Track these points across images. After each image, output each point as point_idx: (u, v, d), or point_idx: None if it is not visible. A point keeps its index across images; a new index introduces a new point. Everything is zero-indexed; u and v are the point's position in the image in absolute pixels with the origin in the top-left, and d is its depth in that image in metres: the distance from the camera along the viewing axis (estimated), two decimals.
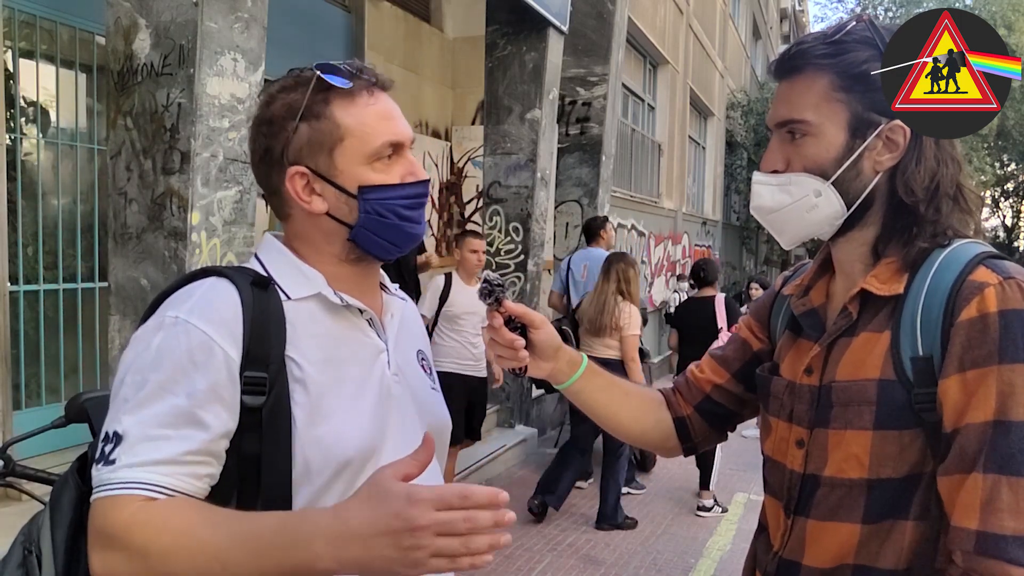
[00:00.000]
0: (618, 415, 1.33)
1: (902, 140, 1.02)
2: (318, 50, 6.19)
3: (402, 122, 1.06)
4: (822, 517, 1.05)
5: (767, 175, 1.09)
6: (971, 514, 0.90)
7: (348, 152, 1.02)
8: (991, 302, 0.92)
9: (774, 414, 1.16)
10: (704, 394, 1.31)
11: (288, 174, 1.02)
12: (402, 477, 0.82)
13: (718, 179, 16.43)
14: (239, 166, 3.25)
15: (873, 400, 1.00)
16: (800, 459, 1.09)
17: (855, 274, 1.09)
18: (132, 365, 0.95)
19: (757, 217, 1.13)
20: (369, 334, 1.09)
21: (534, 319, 1.23)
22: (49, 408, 4.17)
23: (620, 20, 7.94)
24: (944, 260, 1.00)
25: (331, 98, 1.01)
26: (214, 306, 0.97)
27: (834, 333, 1.08)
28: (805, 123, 1.04)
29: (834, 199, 1.04)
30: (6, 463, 1.76)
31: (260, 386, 0.96)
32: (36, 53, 4.11)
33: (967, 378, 0.92)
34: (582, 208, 7.81)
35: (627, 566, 4.30)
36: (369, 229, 1.04)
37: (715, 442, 1.37)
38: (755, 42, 21.77)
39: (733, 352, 1.31)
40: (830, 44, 1.03)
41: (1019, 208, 27.62)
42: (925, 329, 0.97)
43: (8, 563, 1.00)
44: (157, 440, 0.91)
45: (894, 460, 0.99)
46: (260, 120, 1.04)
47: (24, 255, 4.07)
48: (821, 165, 1.04)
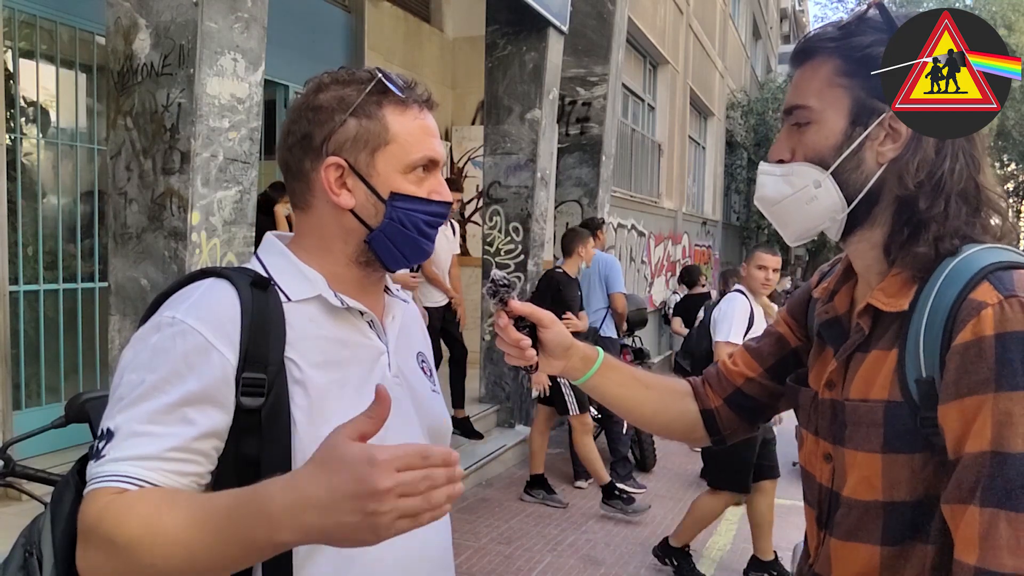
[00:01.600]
0: (640, 408, 1.31)
1: (904, 129, 0.97)
2: (318, 50, 6.19)
3: (440, 143, 1.09)
4: (843, 537, 1.02)
5: (772, 165, 1.05)
6: (970, 549, 0.86)
7: (389, 156, 1.03)
8: (987, 325, 0.86)
9: (803, 425, 1.13)
10: (735, 387, 1.27)
11: (325, 163, 1.02)
12: (358, 437, 0.78)
13: (718, 179, 16.43)
14: (239, 166, 3.25)
15: (880, 422, 0.96)
16: (828, 474, 1.06)
17: (872, 281, 1.04)
18: (129, 365, 0.95)
19: (761, 209, 1.09)
20: (369, 336, 1.09)
21: (542, 318, 1.23)
22: (49, 408, 4.17)
23: (620, 20, 7.94)
24: (950, 272, 0.93)
25: (384, 102, 1.03)
26: (211, 307, 0.97)
27: (850, 347, 1.04)
28: (808, 109, 1.01)
29: (833, 190, 0.99)
30: (6, 463, 1.76)
31: (259, 387, 0.95)
32: (36, 53, 4.11)
33: (964, 405, 0.87)
34: (582, 208, 7.81)
35: (627, 566, 4.29)
36: (388, 236, 1.04)
37: (745, 434, 1.32)
38: (755, 42, 21.77)
39: (769, 347, 1.27)
40: (841, 29, 1.00)
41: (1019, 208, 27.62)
42: (927, 350, 0.92)
43: (9, 565, 1.00)
44: (142, 436, 0.91)
45: (906, 484, 0.95)
46: (307, 106, 1.04)
47: (24, 255, 4.07)
48: (821, 154, 1.00)
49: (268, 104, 4.74)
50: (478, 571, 4.10)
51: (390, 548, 1.02)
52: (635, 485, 5.54)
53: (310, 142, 1.03)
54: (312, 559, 0.98)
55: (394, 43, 7.36)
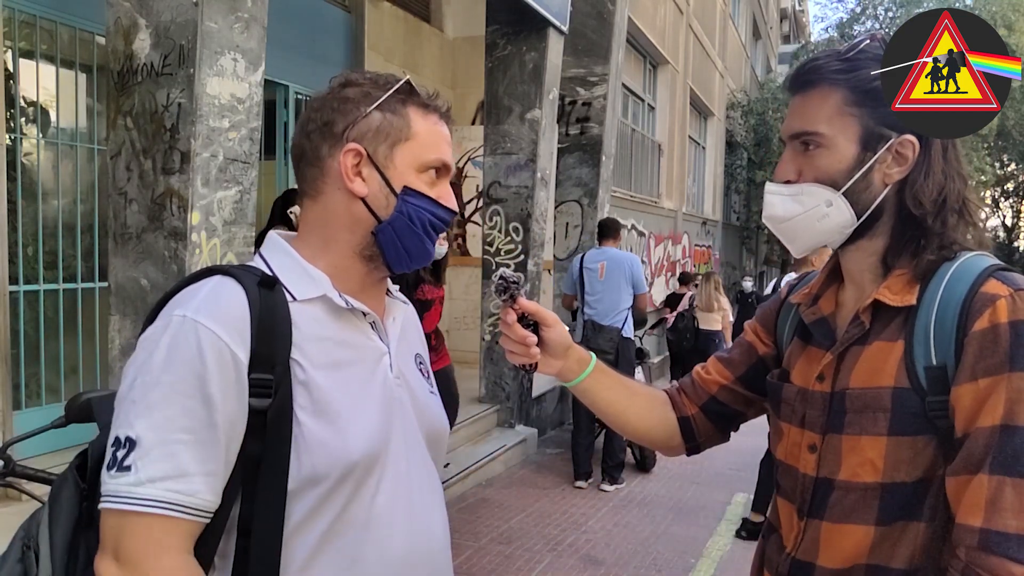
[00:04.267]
0: (624, 413, 1.35)
1: (911, 154, 1.06)
2: (318, 50, 6.19)
3: (452, 154, 1.12)
4: (836, 519, 1.08)
5: (780, 185, 1.12)
6: (976, 512, 0.93)
7: (408, 152, 1.05)
8: (1002, 313, 0.96)
9: (786, 419, 1.18)
10: (710, 395, 1.34)
11: (344, 148, 1.04)
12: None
13: (718, 179, 16.43)
14: (239, 166, 3.25)
15: (888, 407, 1.03)
16: (813, 463, 1.12)
17: (864, 284, 1.12)
18: (142, 366, 0.94)
19: (769, 226, 1.16)
20: (372, 337, 1.09)
21: (546, 317, 1.26)
22: (49, 408, 4.17)
23: (620, 20, 7.94)
24: (955, 273, 1.03)
25: (410, 103, 1.07)
26: (221, 305, 0.96)
27: (847, 341, 1.10)
28: (818, 135, 1.08)
29: (845, 209, 1.07)
30: (6, 463, 1.76)
31: (266, 388, 0.95)
32: (36, 53, 4.11)
33: (979, 386, 0.96)
34: (582, 208, 7.81)
35: (627, 566, 4.29)
36: (395, 229, 1.05)
37: (718, 442, 1.39)
38: (755, 42, 21.77)
39: (739, 355, 1.34)
40: (844, 61, 1.08)
41: (1019, 208, 27.60)
42: (939, 339, 1.01)
43: (7, 558, 1.01)
44: (172, 445, 0.90)
45: (907, 464, 1.02)
46: (333, 96, 1.06)
47: (24, 255, 4.07)
48: (832, 176, 1.08)
49: (268, 104, 4.74)
50: (478, 571, 4.10)
51: (389, 552, 1.03)
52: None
53: (331, 129, 1.04)
54: (309, 571, 0.98)
55: (394, 43, 7.37)
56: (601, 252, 5.87)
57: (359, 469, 1.00)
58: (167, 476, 0.90)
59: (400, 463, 1.06)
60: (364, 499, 1.01)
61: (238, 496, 0.96)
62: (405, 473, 1.07)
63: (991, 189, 24.09)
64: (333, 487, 0.98)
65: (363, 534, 1.01)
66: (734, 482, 5.94)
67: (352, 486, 0.99)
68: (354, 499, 1.00)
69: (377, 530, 1.02)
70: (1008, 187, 26.11)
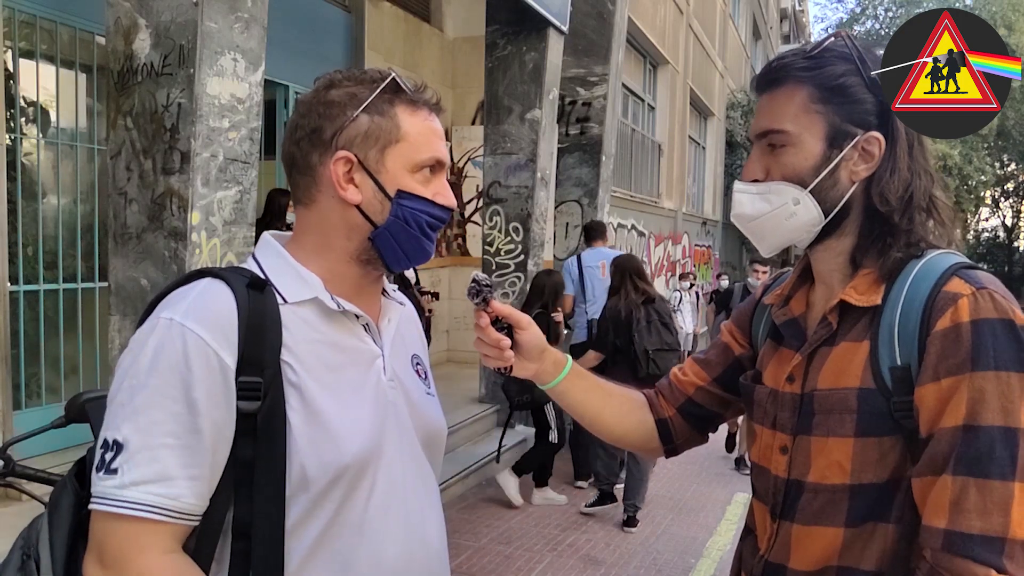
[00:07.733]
0: (601, 415, 1.34)
1: (877, 151, 1.06)
2: (318, 50, 6.19)
3: (446, 147, 1.10)
4: (806, 521, 1.07)
5: (747, 184, 1.12)
6: (940, 513, 0.93)
7: (399, 154, 1.03)
8: (964, 312, 0.95)
9: (758, 421, 1.18)
10: (687, 396, 1.33)
11: (334, 157, 1.02)
12: None
13: (718, 179, 16.44)
14: (239, 166, 3.25)
15: (854, 408, 1.02)
16: (784, 465, 1.11)
17: (834, 284, 1.12)
18: (129, 369, 0.94)
19: (738, 225, 1.16)
20: (365, 340, 1.08)
21: (520, 320, 1.24)
22: (49, 408, 4.17)
23: (620, 20, 7.93)
24: (919, 271, 1.03)
25: (396, 101, 1.04)
26: (209, 308, 0.96)
27: (815, 342, 1.10)
28: (784, 133, 1.07)
29: (812, 207, 1.07)
30: (6, 463, 1.76)
31: (255, 391, 0.95)
32: (36, 53, 4.11)
33: (942, 386, 0.95)
34: (582, 208, 7.81)
35: (627, 566, 4.29)
36: (392, 233, 1.04)
37: (697, 443, 1.39)
38: (755, 42, 21.77)
39: (715, 356, 1.33)
40: (809, 58, 1.07)
41: (1019, 208, 27.62)
42: (903, 339, 1.00)
43: (7, 567, 1.00)
44: (157, 449, 0.91)
45: (875, 466, 1.02)
46: (318, 101, 1.04)
47: (24, 255, 4.07)
48: (799, 174, 1.07)
49: (268, 104, 4.75)
50: (478, 571, 4.10)
51: (383, 557, 1.03)
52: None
53: (320, 136, 1.03)
54: (306, 570, 0.98)
55: (394, 43, 7.37)
56: (597, 252, 5.92)
57: (351, 472, 0.99)
58: (151, 480, 0.90)
59: (394, 466, 1.06)
60: (357, 503, 1.01)
61: (231, 499, 0.96)
62: (400, 476, 1.06)
63: (991, 189, 24.10)
64: (325, 490, 0.98)
65: (357, 538, 1.00)
66: (734, 482, 5.94)
67: (344, 490, 0.99)
68: (347, 503, 1.00)
69: (371, 534, 1.01)
70: (1008, 187, 26.12)
